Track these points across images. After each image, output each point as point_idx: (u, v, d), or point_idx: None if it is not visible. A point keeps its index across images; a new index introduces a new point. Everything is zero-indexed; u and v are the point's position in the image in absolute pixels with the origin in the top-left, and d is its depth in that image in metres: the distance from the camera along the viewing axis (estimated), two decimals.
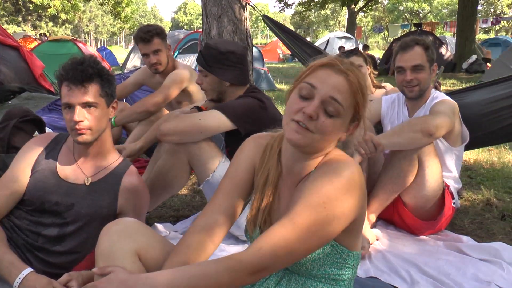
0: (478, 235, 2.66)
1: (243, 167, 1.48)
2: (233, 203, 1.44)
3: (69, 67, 1.75)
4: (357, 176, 1.25)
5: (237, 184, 1.46)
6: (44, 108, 4.96)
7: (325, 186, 1.22)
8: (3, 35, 6.75)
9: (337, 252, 1.33)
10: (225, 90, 2.45)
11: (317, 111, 1.23)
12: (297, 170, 1.37)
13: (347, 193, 1.22)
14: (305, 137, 1.25)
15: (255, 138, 1.52)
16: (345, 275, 1.37)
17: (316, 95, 1.25)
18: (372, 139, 2.23)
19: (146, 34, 3.15)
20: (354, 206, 1.25)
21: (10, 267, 1.61)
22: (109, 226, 1.43)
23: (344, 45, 17.87)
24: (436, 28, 24.32)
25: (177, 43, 13.32)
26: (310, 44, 4.80)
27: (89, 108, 1.77)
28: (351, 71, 1.26)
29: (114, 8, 21.81)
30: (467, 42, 15.20)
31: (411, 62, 2.52)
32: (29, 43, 16.34)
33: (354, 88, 1.26)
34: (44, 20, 42.11)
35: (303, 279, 1.36)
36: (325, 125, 1.24)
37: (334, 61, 1.28)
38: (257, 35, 57.08)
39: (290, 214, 1.22)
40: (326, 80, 1.26)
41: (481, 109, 2.95)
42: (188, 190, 3.47)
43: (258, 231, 1.42)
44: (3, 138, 3.21)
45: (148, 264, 1.40)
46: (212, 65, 2.39)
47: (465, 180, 3.61)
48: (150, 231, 1.48)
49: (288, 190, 1.39)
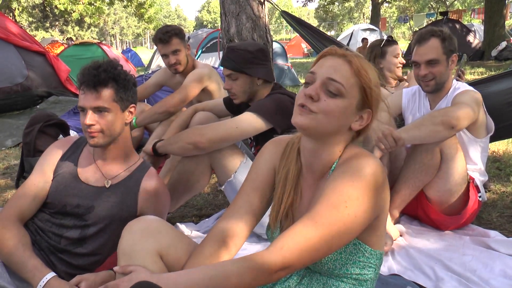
0: (507, 229, 2.58)
1: (263, 169, 1.47)
2: (254, 206, 1.43)
3: (85, 72, 1.79)
4: (379, 173, 1.23)
5: (257, 187, 1.45)
6: (69, 112, 5.08)
7: (346, 185, 1.21)
8: (30, 42, 6.94)
9: (360, 251, 1.31)
10: (256, 90, 2.45)
11: (317, 91, 1.24)
12: (316, 166, 1.35)
13: (369, 192, 1.21)
14: (308, 118, 1.24)
15: (275, 141, 1.52)
16: (368, 275, 1.35)
17: (316, 79, 1.26)
18: (392, 134, 2.19)
19: (164, 35, 3.17)
20: (375, 204, 1.23)
21: (34, 270, 1.66)
22: (131, 224, 1.44)
23: (368, 37, 17.59)
24: (463, 15, 23.70)
25: (200, 42, 13.38)
26: (330, 38, 4.74)
27: (100, 112, 1.79)
28: (351, 56, 1.27)
29: (137, 10, 22.11)
30: (496, 29, 14.76)
31: (424, 57, 2.46)
32: (56, 48, 16.72)
33: (355, 68, 1.25)
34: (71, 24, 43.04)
35: (325, 279, 1.35)
36: (327, 104, 1.24)
37: (334, 49, 1.30)
38: (281, 31, 56.91)
39: (311, 213, 1.21)
40: (325, 64, 1.28)
41: (507, 98, 2.85)
42: (210, 189, 3.48)
43: (279, 229, 1.42)
44: (29, 143, 3.31)
45: (170, 264, 1.40)
46: (243, 66, 2.38)
47: (493, 172, 3.51)
48: (173, 230, 1.48)
49: (309, 188, 1.38)
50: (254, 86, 2.43)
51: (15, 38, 6.64)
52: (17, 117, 6.27)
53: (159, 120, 3.22)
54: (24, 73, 6.51)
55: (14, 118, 6.20)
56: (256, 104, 2.37)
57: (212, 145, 2.29)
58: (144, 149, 2.51)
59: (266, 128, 2.31)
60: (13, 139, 5.28)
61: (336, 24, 54.29)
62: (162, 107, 3.11)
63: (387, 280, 1.98)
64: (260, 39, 3.90)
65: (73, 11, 22.37)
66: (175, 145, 2.34)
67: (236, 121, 2.31)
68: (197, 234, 2.60)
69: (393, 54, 3.55)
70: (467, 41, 15.21)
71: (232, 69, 2.41)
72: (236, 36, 3.90)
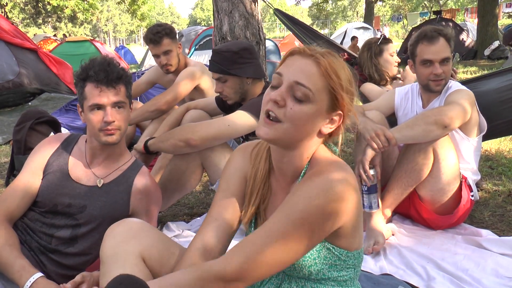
0: (499, 228, 2.58)
1: (234, 179, 1.43)
2: (228, 217, 1.39)
3: (96, 69, 1.76)
4: (339, 184, 1.15)
5: (230, 197, 1.41)
6: (61, 109, 5.04)
7: (302, 199, 1.15)
8: (22, 39, 6.89)
9: (335, 255, 1.27)
10: (247, 88, 2.44)
11: (283, 96, 1.18)
12: (286, 170, 1.31)
13: (330, 210, 1.15)
14: (273, 129, 1.19)
15: (241, 149, 1.48)
16: (347, 275, 1.31)
17: (283, 82, 1.20)
18: (385, 133, 2.19)
19: (155, 35, 3.14)
20: (335, 216, 1.16)
21: (21, 271, 1.63)
22: (113, 228, 1.42)
23: (361, 36, 17.59)
24: (456, 15, 23.80)
25: (193, 39, 13.34)
26: (322, 37, 4.74)
27: (118, 108, 1.79)
28: (321, 55, 1.19)
29: (130, 7, 22.01)
30: (489, 28, 14.80)
31: (440, 55, 2.44)
32: (49, 45, 16.60)
33: (323, 70, 1.17)
34: (64, 21, 42.75)
35: (303, 281, 1.31)
36: (293, 112, 1.17)
37: (303, 48, 1.22)
38: (274, 29, 56.85)
39: (266, 225, 1.17)
40: (292, 65, 1.20)
41: (499, 97, 2.85)
42: (202, 187, 3.46)
43: (252, 230, 1.39)
44: (19, 140, 3.26)
45: (152, 266, 1.39)
46: (230, 67, 2.37)
47: (485, 171, 3.51)
48: (155, 231, 1.46)
49: (283, 190, 1.35)
50: (244, 85, 2.42)
51: (6, 35, 6.60)
52: (8, 114, 6.22)
53: (150, 118, 3.20)
54: (15, 70, 6.46)
55: (5, 115, 6.16)
56: (248, 103, 2.37)
57: (204, 142, 2.27)
58: (136, 147, 2.49)
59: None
60: (3, 137, 5.23)
61: (330, 22, 54.32)
62: (154, 105, 3.09)
63: (378, 279, 1.98)
64: (253, 37, 3.89)
65: (66, 7, 22.23)
66: (167, 142, 2.32)
67: (228, 119, 2.30)
68: (188, 233, 2.58)
69: (389, 52, 3.56)
70: (460, 39, 15.26)
71: (220, 72, 2.39)
72: (229, 34, 3.88)
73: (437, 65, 2.45)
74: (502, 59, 13.38)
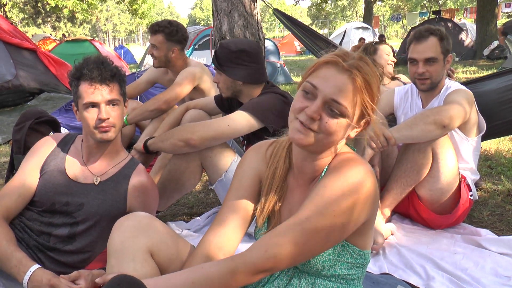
0: (497, 228, 2.58)
1: (246, 178, 1.45)
2: (240, 216, 1.42)
3: (90, 67, 1.78)
4: (368, 182, 1.22)
5: (242, 196, 1.44)
6: (61, 109, 5.03)
7: (335, 194, 1.20)
8: (21, 38, 6.87)
9: (348, 252, 1.31)
10: (239, 89, 2.42)
11: (318, 112, 1.20)
12: (307, 169, 1.34)
13: (357, 199, 1.20)
14: (308, 136, 1.22)
15: (255, 148, 1.50)
16: (355, 274, 1.35)
17: (318, 95, 1.21)
18: (384, 133, 2.19)
19: (154, 26, 3.23)
20: (363, 210, 1.23)
21: (18, 265, 1.63)
22: (121, 221, 1.41)
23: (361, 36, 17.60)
24: (456, 14, 23.81)
25: (193, 39, 13.32)
26: (321, 37, 4.74)
27: (112, 106, 1.81)
28: (356, 68, 1.20)
29: (130, 6, 22.02)
30: (488, 28, 14.82)
31: (424, 55, 2.45)
32: (48, 44, 16.60)
33: (358, 87, 1.20)
34: (63, 21, 42.70)
35: (313, 278, 1.34)
36: (328, 125, 1.20)
37: (337, 58, 1.22)
38: (274, 29, 56.80)
39: (298, 216, 1.21)
40: (328, 80, 1.21)
41: (499, 97, 2.86)
42: (202, 187, 3.47)
43: (265, 228, 1.41)
44: (19, 140, 3.25)
45: (160, 261, 1.39)
46: (223, 64, 2.36)
47: (485, 171, 3.52)
48: (164, 227, 1.46)
49: (300, 188, 1.37)
50: (236, 86, 2.40)
51: (4, 35, 6.58)
52: (7, 114, 6.21)
53: (150, 117, 3.19)
54: (12, 72, 6.45)
55: (5, 115, 6.15)
56: (249, 103, 2.36)
57: (203, 142, 2.28)
58: (135, 147, 2.49)
59: (258, 127, 2.30)
60: (3, 136, 5.23)
61: (329, 22, 54.30)
62: (154, 104, 3.09)
63: (378, 279, 1.98)
64: (252, 37, 3.88)
65: (64, 7, 22.21)
66: (167, 142, 2.33)
67: (228, 119, 2.30)
68: (188, 233, 2.59)
69: (385, 51, 3.59)
70: (459, 39, 15.28)
71: (214, 64, 2.42)
72: (228, 34, 3.88)
73: (420, 64, 2.46)
74: (502, 59, 13.40)
